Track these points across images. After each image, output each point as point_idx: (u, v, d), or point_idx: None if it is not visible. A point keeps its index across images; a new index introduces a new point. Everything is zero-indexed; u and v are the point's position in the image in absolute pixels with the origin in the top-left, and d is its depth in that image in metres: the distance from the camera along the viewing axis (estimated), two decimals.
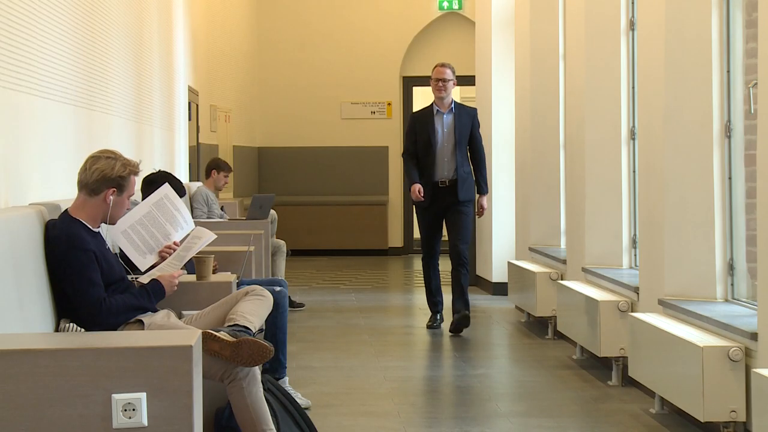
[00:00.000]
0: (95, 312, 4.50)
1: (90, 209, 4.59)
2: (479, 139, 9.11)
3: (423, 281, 9.43)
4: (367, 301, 11.22)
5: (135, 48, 8.02)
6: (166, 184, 5.39)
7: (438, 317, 9.27)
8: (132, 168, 4.67)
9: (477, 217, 9.48)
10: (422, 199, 8.89)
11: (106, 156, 4.64)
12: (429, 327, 9.23)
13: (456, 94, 18.89)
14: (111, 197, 4.59)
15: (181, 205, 5.32)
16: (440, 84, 9.07)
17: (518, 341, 8.79)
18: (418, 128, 9.06)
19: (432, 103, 9.16)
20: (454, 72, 9.21)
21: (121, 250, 5.23)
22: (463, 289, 8.90)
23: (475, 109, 9.40)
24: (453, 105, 9.10)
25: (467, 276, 9.02)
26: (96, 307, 4.50)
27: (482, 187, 9.12)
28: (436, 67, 9.21)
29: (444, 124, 9.01)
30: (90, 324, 4.49)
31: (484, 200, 9.19)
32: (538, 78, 9.93)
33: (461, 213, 8.96)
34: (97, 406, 3.26)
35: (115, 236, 5.13)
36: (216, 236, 5.39)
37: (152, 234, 5.19)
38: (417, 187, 8.93)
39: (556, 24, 9.76)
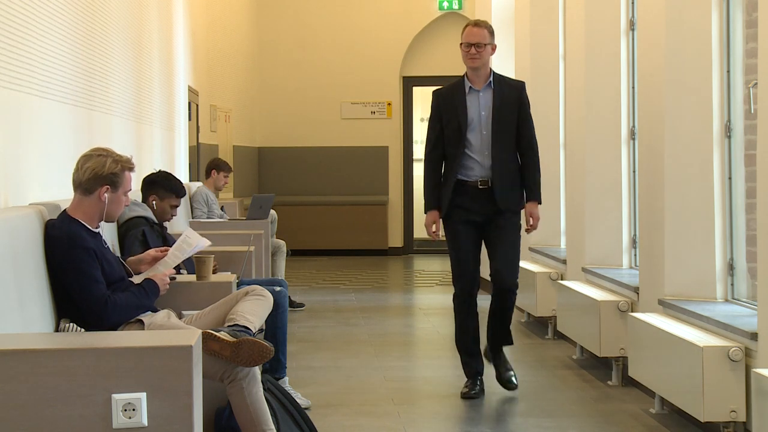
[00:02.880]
0: (100, 309, 4.49)
1: (86, 208, 4.59)
2: (529, 124, 6.60)
3: (455, 325, 6.77)
4: (367, 301, 11.22)
5: (135, 48, 8.02)
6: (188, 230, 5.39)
7: (478, 382, 6.66)
8: (124, 164, 4.65)
9: (527, 232, 6.73)
10: (437, 237, 6.65)
11: (98, 154, 4.63)
12: (465, 396, 6.60)
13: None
14: (105, 195, 4.58)
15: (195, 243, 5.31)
16: (473, 50, 6.54)
17: (518, 341, 8.78)
18: (445, 112, 6.58)
19: (462, 77, 6.63)
20: (492, 34, 6.65)
21: (121, 252, 5.23)
22: (509, 319, 6.79)
23: (522, 83, 6.73)
24: (492, 78, 6.57)
25: (513, 303, 6.74)
26: (101, 305, 4.50)
27: (532, 190, 6.58)
28: (467, 26, 6.70)
29: (480, 105, 6.53)
30: (94, 322, 4.48)
31: (536, 208, 6.59)
32: (538, 78, 9.93)
33: (506, 226, 6.55)
34: (97, 406, 3.26)
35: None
36: (210, 242, 5.39)
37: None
38: (431, 221, 6.62)
39: (556, 24, 9.75)
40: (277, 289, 6.25)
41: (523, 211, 6.63)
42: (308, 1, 16.57)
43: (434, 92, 6.71)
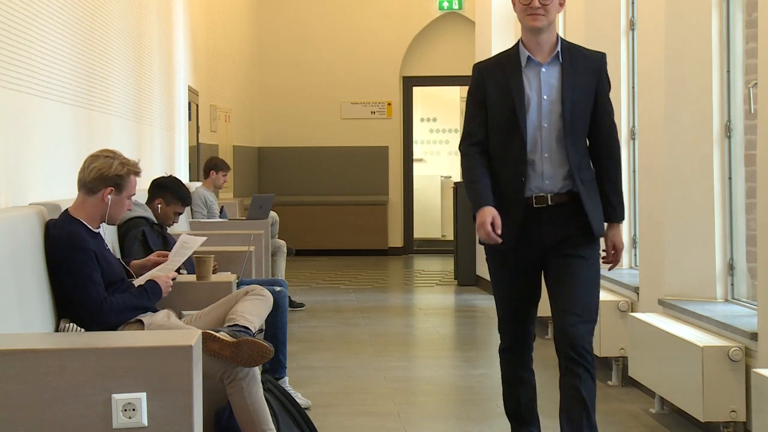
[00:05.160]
0: (96, 311, 4.50)
1: (89, 208, 4.59)
2: (609, 115, 4.65)
3: (502, 386, 4.90)
4: (367, 301, 11.22)
5: (135, 48, 8.02)
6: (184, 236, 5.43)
7: None
8: (131, 167, 4.66)
9: (604, 263, 4.74)
10: (498, 239, 4.49)
11: (105, 155, 4.64)
12: None
13: (455, 93, 19.09)
14: (109, 196, 4.59)
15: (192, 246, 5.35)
16: (536, 1, 4.58)
17: None
18: (491, 92, 4.61)
19: (517, 44, 4.65)
20: None
21: (121, 252, 5.24)
22: (585, 410, 4.57)
23: (602, 54, 4.70)
24: (560, 47, 4.62)
25: (590, 385, 4.58)
26: (97, 307, 4.50)
27: (615, 209, 4.63)
28: None
29: (543, 85, 4.56)
30: (91, 323, 4.49)
31: (618, 233, 4.66)
32: None
33: (576, 260, 4.58)
34: (97, 406, 3.26)
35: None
36: (205, 238, 5.40)
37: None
38: (488, 216, 4.48)
39: (555, 24, 9.74)
40: (277, 289, 6.25)
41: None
42: (308, 1, 16.57)
43: (476, 66, 4.73)
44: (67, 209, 4.62)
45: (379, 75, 16.58)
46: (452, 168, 18.60)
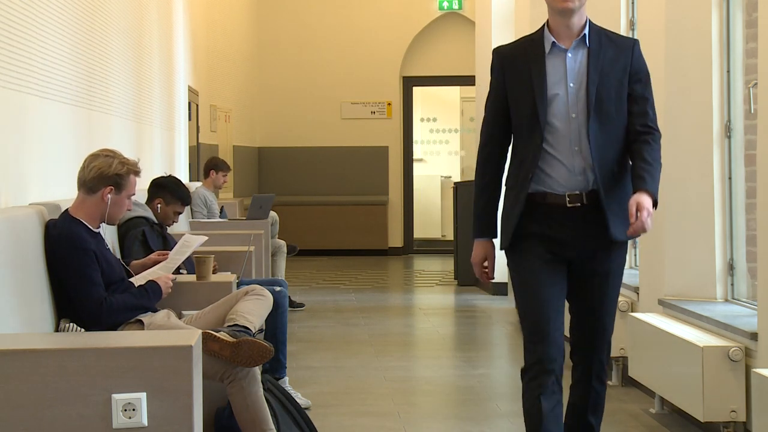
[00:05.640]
0: (96, 311, 4.50)
1: (88, 208, 4.59)
2: (646, 104, 4.18)
3: (523, 411, 4.30)
4: (367, 301, 11.22)
5: (135, 48, 8.02)
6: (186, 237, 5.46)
7: None
8: (130, 167, 4.66)
9: (628, 233, 4.05)
10: (488, 279, 4.30)
11: (105, 154, 4.65)
12: None
13: (455, 93, 19.09)
14: (109, 196, 4.59)
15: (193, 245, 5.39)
16: None
17: (518, 341, 8.78)
18: (511, 82, 4.19)
19: (542, 28, 4.23)
20: None
21: (121, 252, 5.24)
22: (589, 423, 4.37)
23: (633, 41, 4.28)
24: (588, 31, 4.20)
25: (602, 403, 4.39)
26: (97, 307, 4.50)
27: (644, 179, 4.04)
28: None
29: (569, 72, 4.15)
30: (90, 323, 4.49)
31: (644, 198, 3.98)
32: None
33: (606, 269, 4.21)
34: (97, 406, 3.26)
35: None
36: (207, 238, 5.41)
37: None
38: (480, 257, 4.25)
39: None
40: (277, 289, 6.26)
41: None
42: (308, 1, 16.58)
43: (496, 51, 4.27)
44: (67, 209, 4.62)
45: (379, 75, 16.58)
46: (452, 168, 18.61)
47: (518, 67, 4.17)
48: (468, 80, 13.74)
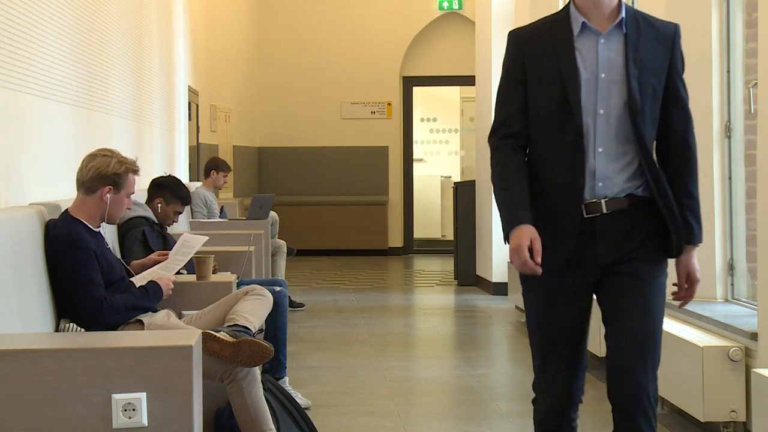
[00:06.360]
0: (96, 311, 4.50)
1: (88, 208, 4.60)
2: (684, 103, 3.63)
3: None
4: (367, 301, 11.22)
5: (135, 48, 8.02)
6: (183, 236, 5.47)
7: None
8: (129, 165, 4.66)
9: (675, 299, 3.80)
10: (538, 268, 3.50)
11: (102, 154, 4.65)
12: None
13: (455, 93, 19.08)
14: (108, 195, 4.59)
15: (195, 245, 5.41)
16: None
17: (518, 341, 8.79)
18: (534, 69, 3.60)
19: (567, 6, 3.63)
20: None
21: (121, 252, 5.24)
22: None
23: (675, 27, 3.69)
24: (624, 14, 3.58)
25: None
26: (97, 307, 4.50)
27: (692, 227, 3.60)
28: None
29: (601, 60, 3.55)
30: (90, 323, 4.49)
31: (693, 259, 3.65)
32: None
33: (641, 283, 3.62)
34: (97, 406, 3.26)
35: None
36: (207, 238, 5.41)
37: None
38: (525, 239, 3.48)
39: None
40: (277, 289, 6.26)
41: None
42: (308, 1, 16.58)
43: (512, 33, 3.69)
44: (67, 209, 4.63)
45: (379, 75, 16.58)
46: (452, 168, 18.61)
47: (542, 52, 3.56)
48: (468, 80, 13.74)
